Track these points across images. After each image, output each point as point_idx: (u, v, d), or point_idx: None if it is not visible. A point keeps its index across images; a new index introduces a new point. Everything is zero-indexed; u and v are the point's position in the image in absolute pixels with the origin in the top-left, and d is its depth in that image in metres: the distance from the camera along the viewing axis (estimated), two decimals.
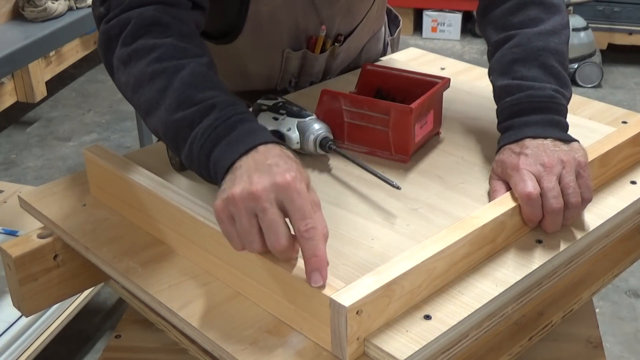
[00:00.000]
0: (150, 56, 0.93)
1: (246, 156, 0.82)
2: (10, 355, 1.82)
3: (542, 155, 0.94)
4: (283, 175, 0.77)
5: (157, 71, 0.92)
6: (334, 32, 1.28)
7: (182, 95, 0.89)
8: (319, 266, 0.75)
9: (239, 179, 0.79)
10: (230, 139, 0.84)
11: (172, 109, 0.89)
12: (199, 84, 0.90)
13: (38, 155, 3.32)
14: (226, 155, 0.83)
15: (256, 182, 0.77)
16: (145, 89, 0.93)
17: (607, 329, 2.28)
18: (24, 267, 1.01)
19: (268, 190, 0.77)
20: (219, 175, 0.84)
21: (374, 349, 0.75)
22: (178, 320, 0.83)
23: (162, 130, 0.92)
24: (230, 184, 0.79)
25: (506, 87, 1.03)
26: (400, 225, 0.93)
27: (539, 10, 1.07)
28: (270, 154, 0.81)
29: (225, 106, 0.88)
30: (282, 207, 0.77)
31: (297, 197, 0.76)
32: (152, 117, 0.92)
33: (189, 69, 0.92)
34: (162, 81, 0.91)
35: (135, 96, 0.95)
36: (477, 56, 4.30)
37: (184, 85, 0.90)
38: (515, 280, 0.84)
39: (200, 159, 0.87)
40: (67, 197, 1.06)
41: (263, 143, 0.83)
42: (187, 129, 0.88)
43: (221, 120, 0.86)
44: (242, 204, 0.77)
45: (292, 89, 1.31)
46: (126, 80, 0.96)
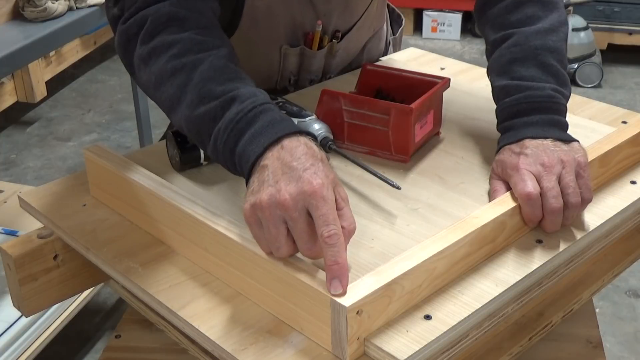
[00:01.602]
0: (169, 52, 0.94)
1: (271, 152, 0.82)
2: (10, 355, 1.82)
3: (542, 155, 0.94)
4: (310, 183, 0.78)
5: (177, 67, 0.92)
6: (331, 28, 1.28)
7: (202, 90, 0.90)
8: (339, 274, 0.75)
9: (266, 183, 0.79)
10: (252, 132, 0.85)
11: (194, 105, 0.90)
12: (219, 77, 0.91)
13: (38, 155, 3.32)
14: (249, 149, 0.84)
15: (284, 190, 0.78)
16: (166, 86, 0.93)
17: (607, 329, 2.28)
18: (24, 267, 1.01)
19: (295, 200, 0.77)
20: (245, 170, 0.84)
21: (374, 349, 0.75)
22: (178, 320, 0.83)
23: (185, 126, 0.92)
24: (258, 188, 0.80)
25: (505, 87, 1.03)
26: (400, 225, 0.93)
27: (536, 8, 1.07)
28: (296, 153, 0.81)
29: (245, 98, 0.88)
30: (308, 212, 0.78)
31: (322, 205, 0.77)
32: (176, 114, 0.93)
33: (208, 62, 0.92)
34: (182, 77, 0.92)
35: (157, 94, 0.95)
36: (477, 56, 4.30)
37: (203, 80, 0.90)
38: (515, 280, 0.84)
39: (225, 154, 0.87)
40: (67, 197, 1.06)
41: (287, 135, 0.83)
42: (210, 123, 0.88)
43: (242, 114, 0.86)
44: (270, 211, 0.78)
45: (292, 88, 1.31)
46: (147, 78, 0.96)
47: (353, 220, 0.80)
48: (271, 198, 0.78)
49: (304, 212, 0.77)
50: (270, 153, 0.82)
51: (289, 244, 0.79)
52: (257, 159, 0.83)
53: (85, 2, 2.34)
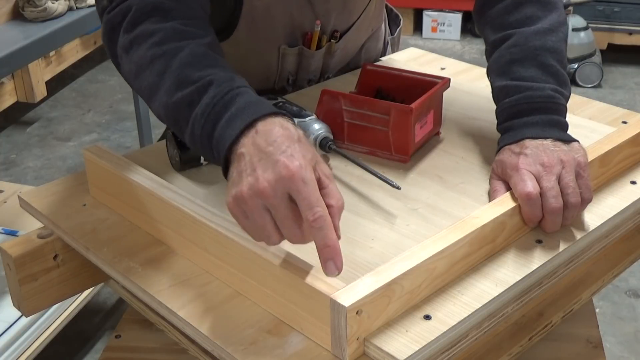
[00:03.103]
0: (149, 41, 0.93)
1: (246, 137, 0.80)
2: (10, 355, 1.82)
3: (542, 155, 0.94)
4: (287, 166, 0.76)
5: (157, 55, 0.92)
6: (329, 28, 1.28)
7: (180, 76, 0.89)
8: (332, 255, 0.75)
9: (245, 173, 0.78)
10: (229, 116, 0.83)
11: (172, 91, 0.89)
12: (198, 63, 0.90)
13: (38, 155, 3.32)
14: (226, 133, 0.82)
15: (261, 178, 0.76)
16: (145, 73, 0.92)
17: (607, 329, 2.28)
18: (24, 267, 1.01)
19: (274, 186, 0.75)
20: (221, 157, 0.83)
21: (374, 349, 0.75)
22: (178, 320, 0.83)
23: (164, 113, 0.91)
24: (238, 178, 0.78)
25: (505, 87, 1.03)
26: (400, 225, 0.93)
27: (535, 9, 1.07)
28: (272, 136, 0.79)
29: (222, 82, 0.86)
30: (290, 197, 0.76)
31: (302, 187, 0.75)
32: (154, 102, 0.92)
33: (188, 49, 0.91)
34: (162, 64, 0.91)
35: (137, 82, 0.95)
36: (477, 56, 4.30)
37: (182, 65, 0.89)
38: (515, 280, 0.84)
39: (203, 140, 0.86)
40: (67, 197, 1.06)
41: (262, 117, 0.81)
42: (187, 109, 0.87)
43: (219, 97, 0.85)
44: (251, 201, 0.76)
45: (290, 88, 1.31)
46: (129, 67, 0.96)
47: (340, 196, 0.78)
48: (251, 188, 0.76)
49: (285, 198, 0.75)
50: (245, 139, 0.80)
51: (278, 231, 0.77)
52: (233, 145, 0.81)
53: (85, 2, 2.34)
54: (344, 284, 0.76)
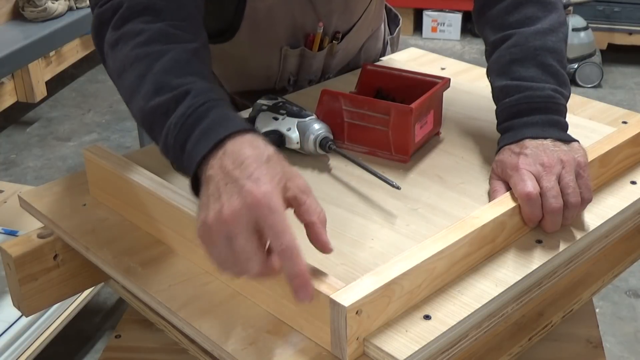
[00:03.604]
0: (135, 40, 0.92)
1: (214, 158, 0.78)
2: (10, 355, 1.82)
3: (542, 155, 0.94)
4: (251, 193, 0.72)
5: (140, 56, 0.90)
6: (331, 30, 1.28)
7: (159, 81, 0.87)
8: (302, 284, 0.73)
9: (212, 198, 0.75)
10: (201, 129, 0.81)
11: (149, 96, 0.87)
12: (179, 69, 0.88)
13: (38, 155, 3.32)
14: (195, 150, 0.80)
15: (226, 205, 0.73)
16: (127, 73, 0.91)
17: (607, 329, 2.28)
18: (24, 267, 1.01)
19: (237, 215, 0.72)
20: (191, 174, 0.81)
21: (374, 349, 0.75)
22: (178, 320, 0.83)
23: (140, 118, 0.89)
24: (205, 204, 0.76)
25: (505, 87, 1.03)
26: (400, 225, 0.93)
27: (535, 9, 1.07)
28: (239, 156, 0.76)
29: (199, 93, 0.85)
30: (256, 226, 0.74)
31: (268, 215, 0.72)
32: (133, 104, 0.90)
33: (171, 54, 0.89)
34: (143, 66, 0.89)
35: (119, 81, 0.93)
36: (477, 56, 4.30)
37: (163, 70, 0.88)
38: (515, 280, 0.84)
39: (175, 150, 0.84)
40: (67, 197, 1.06)
41: (232, 135, 0.79)
42: (162, 116, 0.85)
43: (193, 108, 0.83)
44: (216, 230, 0.74)
45: (291, 88, 1.31)
46: (112, 65, 0.94)
47: (320, 209, 0.76)
48: (215, 216, 0.73)
49: (247, 227, 0.72)
50: (213, 160, 0.78)
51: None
52: (202, 165, 0.79)
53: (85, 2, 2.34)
54: (343, 284, 0.76)
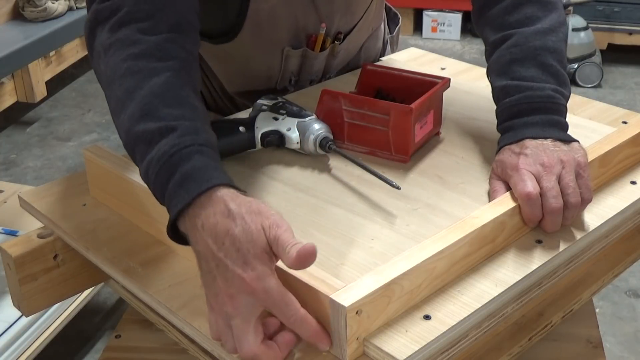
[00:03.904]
0: (130, 50, 0.91)
1: (197, 232, 0.79)
2: (10, 355, 1.82)
3: (542, 155, 0.94)
4: (243, 280, 0.75)
5: (132, 70, 0.90)
6: (333, 30, 1.28)
7: (147, 106, 0.87)
8: (319, 339, 0.76)
9: (209, 277, 0.78)
10: (183, 175, 0.81)
11: (135, 119, 0.87)
12: (169, 97, 0.88)
13: (38, 155, 3.32)
14: (175, 199, 0.81)
15: (224, 289, 0.76)
16: (116, 85, 0.90)
17: (607, 329, 2.28)
18: (24, 266, 1.01)
19: (236, 299, 0.76)
20: (170, 218, 0.82)
21: (374, 349, 0.75)
22: (178, 319, 0.83)
23: (124, 138, 0.89)
24: (206, 280, 0.78)
25: (505, 87, 1.03)
26: (400, 225, 0.93)
27: (535, 9, 1.07)
28: (218, 236, 0.77)
29: (185, 132, 0.85)
30: (256, 304, 0.76)
31: (266, 297, 0.75)
32: (118, 119, 0.90)
33: (163, 77, 0.89)
34: (133, 82, 0.89)
35: (107, 90, 0.92)
36: (477, 56, 4.30)
37: (152, 94, 0.87)
38: (515, 280, 0.84)
39: (156, 185, 0.84)
40: (67, 197, 1.06)
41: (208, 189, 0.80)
42: (145, 145, 0.85)
43: (177, 148, 0.83)
44: (218, 307, 0.77)
45: (292, 88, 1.31)
46: (104, 69, 0.93)
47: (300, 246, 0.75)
48: (216, 296, 0.77)
49: (243, 310, 0.76)
50: (197, 234, 0.79)
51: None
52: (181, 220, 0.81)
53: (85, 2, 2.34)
54: (343, 283, 0.76)
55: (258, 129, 1.08)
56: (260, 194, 0.99)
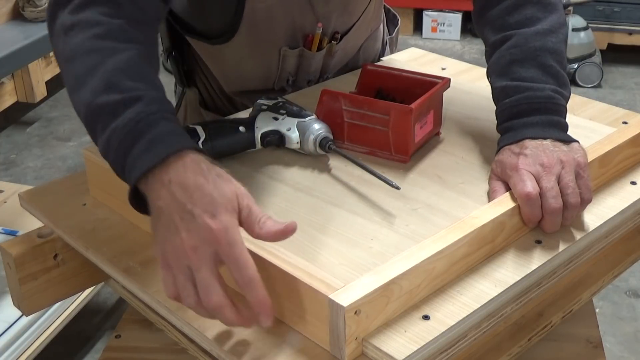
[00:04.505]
0: (92, 31, 0.91)
1: (163, 187, 0.79)
2: (10, 355, 1.82)
3: (541, 156, 0.94)
4: (210, 229, 0.75)
5: (94, 48, 0.89)
6: (330, 30, 1.28)
7: (110, 79, 0.86)
8: (264, 309, 0.76)
9: (168, 231, 0.77)
10: (150, 139, 0.82)
11: (98, 92, 0.86)
12: (132, 72, 0.88)
13: (38, 155, 3.32)
14: (142, 159, 0.81)
15: (187, 240, 0.76)
16: (77, 62, 0.90)
17: (607, 329, 2.28)
18: (24, 266, 1.01)
19: (200, 250, 0.76)
20: (130, 183, 0.82)
21: (372, 349, 0.75)
22: (177, 319, 0.83)
23: (83, 111, 0.88)
24: (162, 236, 0.78)
25: (505, 88, 1.03)
26: (399, 225, 0.93)
27: (535, 10, 1.07)
28: (187, 188, 0.78)
29: (150, 101, 0.85)
30: (217, 257, 0.76)
31: (229, 250, 0.75)
32: (77, 95, 0.89)
33: (127, 54, 0.89)
34: (96, 59, 0.88)
35: (66, 67, 0.92)
36: (477, 56, 4.29)
37: (115, 69, 0.87)
38: (514, 280, 0.84)
39: (118, 153, 0.84)
40: (68, 196, 1.06)
41: (176, 152, 0.80)
42: (108, 116, 0.85)
43: (144, 115, 0.83)
44: (177, 261, 0.77)
45: (289, 88, 1.31)
46: (62, 48, 0.93)
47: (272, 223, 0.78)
48: (177, 249, 0.76)
49: (209, 261, 0.76)
50: (163, 190, 0.79)
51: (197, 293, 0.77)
52: (144, 181, 0.80)
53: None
54: (342, 283, 0.76)
55: (258, 129, 1.08)
56: (260, 193, 0.99)
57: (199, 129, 1.04)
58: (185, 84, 1.37)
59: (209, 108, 1.38)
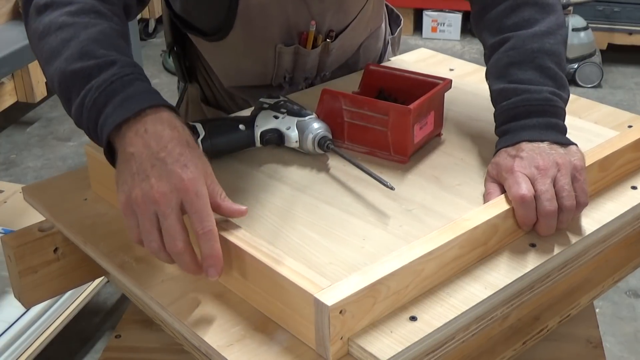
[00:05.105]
0: (65, 9, 0.93)
1: (136, 136, 0.82)
2: (11, 355, 1.82)
3: (537, 158, 0.93)
4: (181, 179, 0.79)
5: (67, 23, 0.91)
6: (325, 28, 1.28)
7: (85, 48, 0.88)
8: (215, 263, 0.80)
9: (138, 177, 0.80)
10: (124, 96, 0.84)
11: (72, 60, 0.88)
12: (105, 42, 0.90)
13: (38, 155, 3.32)
14: (115, 113, 0.83)
15: (156, 187, 0.79)
16: (51, 37, 0.92)
17: (607, 329, 2.27)
18: (24, 259, 1.02)
19: (168, 196, 0.78)
20: (103, 136, 0.84)
21: (357, 349, 0.75)
22: (168, 315, 0.83)
23: (57, 79, 0.90)
24: (130, 180, 0.80)
25: (502, 91, 1.02)
26: (393, 226, 0.93)
27: (533, 11, 1.06)
28: (162, 139, 0.81)
29: (125, 65, 0.87)
30: (182, 207, 0.79)
31: (195, 201, 0.79)
32: (51, 66, 0.91)
33: (100, 27, 0.91)
34: (69, 32, 0.90)
35: (40, 43, 0.93)
36: (477, 56, 4.28)
37: (89, 39, 0.89)
38: (505, 283, 0.83)
39: (91, 113, 0.86)
40: (69, 191, 1.07)
41: (153, 107, 0.83)
42: (82, 80, 0.87)
43: (119, 76, 0.86)
44: (144, 207, 0.79)
45: (287, 85, 1.31)
46: (36, 27, 0.94)
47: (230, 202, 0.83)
48: (145, 195, 0.79)
49: (176, 208, 0.79)
50: (135, 137, 0.82)
51: (161, 238, 0.80)
52: (118, 133, 0.82)
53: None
54: (329, 282, 0.76)
55: (258, 127, 1.08)
56: (258, 192, 0.99)
57: (199, 126, 1.04)
58: (186, 79, 1.38)
59: (210, 104, 1.38)
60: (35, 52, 0.96)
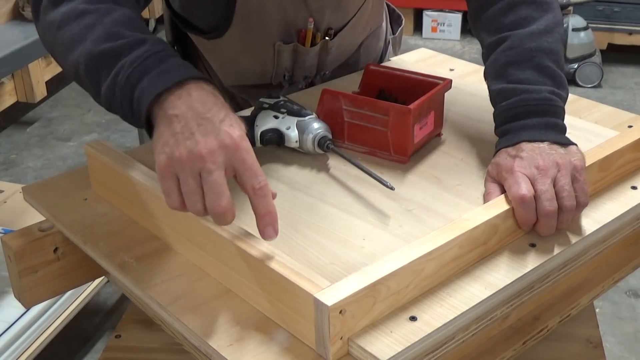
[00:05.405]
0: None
1: (180, 99, 0.81)
2: (11, 355, 1.82)
3: (537, 158, 0.93)
4: (230, 136, 0.78)
5: (88, 10, 0.91)
6: (323, 26, 1.28)
7: (111, 30, 0.88)
8: (272, 221, 0.79)
9: (182, 136, 0.79)
10: (160, 70, 0.83)
11: (100, 41, 0.87)
12: (131, 25, 0.89)
13: (38, 155, 3.32)
14: (153, 85, 0.82)
15: (202, 143, 0.78)
16: (72, 25, 0.91)
17: (607, 329, 2.27)
18: (23, 259, 1.02)
19: (216, 153, 0.77)
20: (142, 107, 0.83)
21: (357, 349, 0.75)
22: (167, 315, 0.83)
23: (84, 61, 0.89)
24: (173, 140, 0.79)
25: (501, 91, 1.02)
26: (393, 226, 0.93)
27: (530, 10, 1.06)
28: (207, 103, 0.80)
29: (155, 42, 0.87)
30: (229, 167, 0.78)
31: (247, 157, 0.78)
32: (75, 52, 0.90)
33: (121, 11, 0.91)
34: (92, 19, 0.90)
35: (59, 32, 0.93)
36: (477, 56, 4.27)
37: (115, 22, 0.89)
38: (505, 283, 0.83)
39: (124, 89, 0.85)
40: (69, 191, 1.07)
41: (193, 79, 0.83)
42: (113, 59, 0.86)
43: (152, 52, 0.85)
44: (189, 165, 0.78)
45: (286, 84, 1.31)
46: (53, 17, 0.94)
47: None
48: (190, 152, 0.78)
49: (222, 166, 0.78)
50: (178, 101, 0.81)
51: (203, 198, 0.78)
52: (161, 102, 0.82)
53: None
54: (329, 282, 0.76)
55: (258, 127, 1.08)
56: None
57: None
58: None
59: None
60: (51, 45, 0.94)
